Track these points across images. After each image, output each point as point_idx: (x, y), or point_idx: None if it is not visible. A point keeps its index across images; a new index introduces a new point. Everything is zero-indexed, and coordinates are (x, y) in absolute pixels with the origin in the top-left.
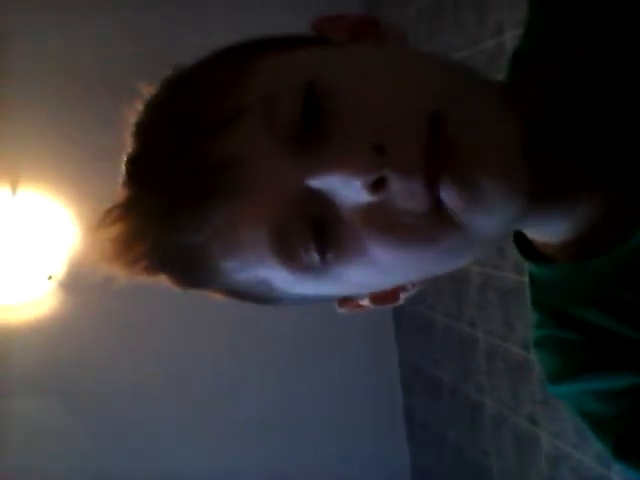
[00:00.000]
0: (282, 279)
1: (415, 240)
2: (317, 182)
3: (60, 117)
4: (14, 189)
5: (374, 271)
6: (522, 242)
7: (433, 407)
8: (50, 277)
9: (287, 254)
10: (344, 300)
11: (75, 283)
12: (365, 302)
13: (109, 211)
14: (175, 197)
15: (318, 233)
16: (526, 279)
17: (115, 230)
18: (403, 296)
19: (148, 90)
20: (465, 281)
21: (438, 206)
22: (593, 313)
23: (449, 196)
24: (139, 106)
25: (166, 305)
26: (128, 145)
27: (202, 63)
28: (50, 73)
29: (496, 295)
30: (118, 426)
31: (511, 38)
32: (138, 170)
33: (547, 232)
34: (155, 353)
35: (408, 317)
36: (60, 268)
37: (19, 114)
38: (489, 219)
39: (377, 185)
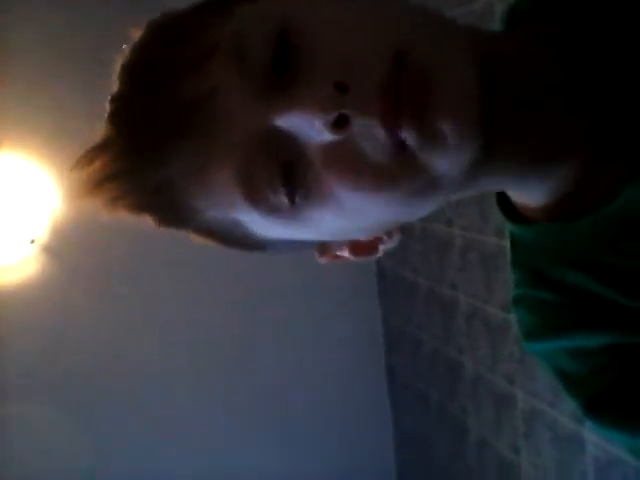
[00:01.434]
0: (254, 221)
1: (377, 181)
2: (281, 121)
3: (42, 79)
4: None
5: (341, 215)
6: (505, 204)
7: (414, 367)
8: (33, 241)
9: (255, 195)
10: (323, 248)
11: (58, 247)
12: (344, 253)
13: (88, 150)
14: (148, 134)
15: (286, 175)
16: (507, 243)
17: (93, 168)
18: (381, 248)
19: (137, 34)
20: (448, 244)
21: (399, 147)
22: (572, 273)
23: (408, 135)
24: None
25: (153, 273)
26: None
27: (184, 10)
28: (34, 38)
29: (478, 258)
30: (99, 395)
31: None
32: (115, 109)
33: (528, 193)
34: (140, 319)
35: (392, 279)
36: (43, 232)
37: (1, 77)
38: (448, 158)
39: (338, 124)
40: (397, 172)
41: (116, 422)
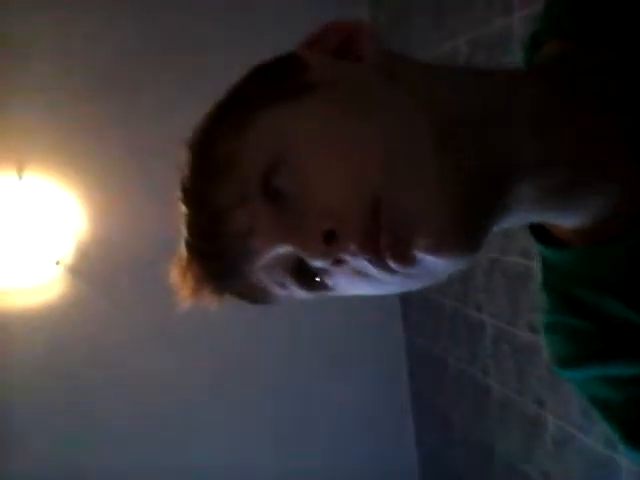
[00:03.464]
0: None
1: (378, 287)
2: (283, 250)
3: (66, 101)
4: (20, 173)
5: (360, 292)
6: (535, 225)
7: (440, 391)
8: (58, 262)
9: (301, 288)
10: None
11: (82, 268)
12: None
13: (178, 260)
14: (212, 262)
15: (306, 282)
16: (532, 263)
17: (186, 283)
18: None
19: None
20: (473, 266)
21: (389, 267)
22: (607, 299)
23: (395, 266)
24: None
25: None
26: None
27: (199, 138)
28: (61, 59)
29: (503, 279)
30: (123, 412)
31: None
32: (186, 238)
33: (561, 221)
34: (164, 340)
35: (416, 301)
36: (67, 253)
37: (25, 98)
38: (435, 272)
39: (336, 261)
40: (392, 279)
41: (140, 442)
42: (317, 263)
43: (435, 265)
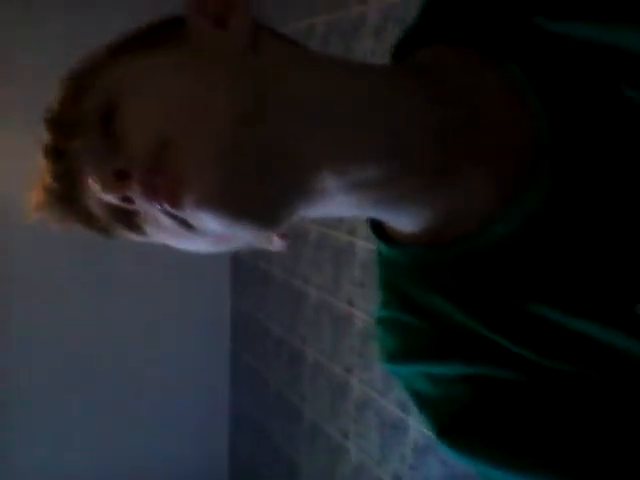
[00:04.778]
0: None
1: (178, 238)
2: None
3: None
4: None
5: (179, 246)
6: (374, 221)
7: (260, 355)
8: None
9: (121, 228)
10: None
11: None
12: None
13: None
14: (57, 186)
15: (127, 223)
16: (357, 240)
17: (36, 198)
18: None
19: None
20: (303, 238)
21: (176, 219)
22: (438, 300)
23: (166, 207)
24: None
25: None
26: None
27: (71, 70)
28: None
29: (330, 254)
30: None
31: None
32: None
33: (400, 220)
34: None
35: (246, 269)
36: None
37: None
38: (214, 227)
39: (128, 201)
40: (180, 232)
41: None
42: (108, 197)
43: (209, 224)
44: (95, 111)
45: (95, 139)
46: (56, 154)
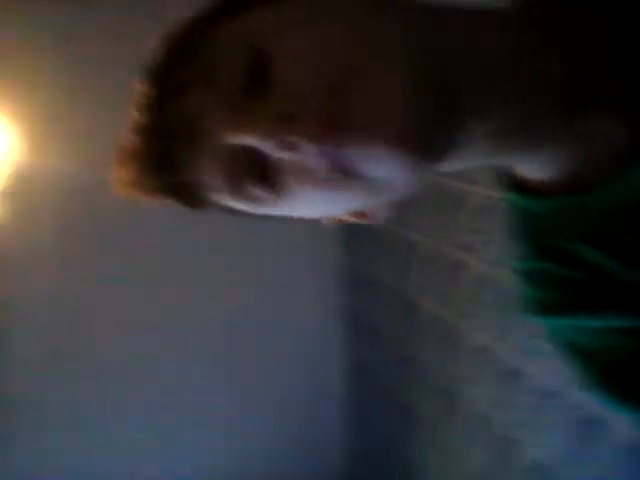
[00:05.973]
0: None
1: (325, 191)
2: (236, 140)
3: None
4: None
5: (308, 208)
6: (509, 174)
7: (372, 304)
8: None
9: (241, 196)
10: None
11: (21, 196)
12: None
13: (120, 153)
14: (158, 149)
15: (261, 178)
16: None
17: (124, 173)
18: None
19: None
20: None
21: (339, 166)
22: (586, 249)
23: (344, 160)
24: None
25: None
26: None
27: (175, 34)
28: None
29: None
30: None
31: None
32: (136, 123)
33: (537, 168)
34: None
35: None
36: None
37: None
38: (383, 171)
39: (288, 147)
40: (340, 184)
41: None
42: (265, 146)
43: (381, 168)
44: (232, 62)
45: (231, 90)
46: (162, 114)
